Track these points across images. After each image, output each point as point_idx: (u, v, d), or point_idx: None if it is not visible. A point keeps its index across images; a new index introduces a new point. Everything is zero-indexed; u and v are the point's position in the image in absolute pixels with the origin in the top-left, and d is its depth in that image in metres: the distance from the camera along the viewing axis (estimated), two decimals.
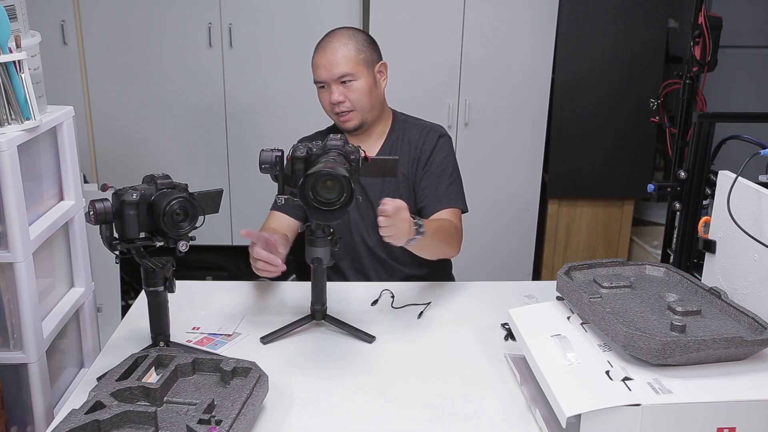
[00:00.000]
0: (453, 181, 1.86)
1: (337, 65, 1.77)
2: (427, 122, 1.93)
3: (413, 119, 1.94)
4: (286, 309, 1.63)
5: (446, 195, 1.83)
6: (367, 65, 1.81)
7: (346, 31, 1.83)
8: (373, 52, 1.84)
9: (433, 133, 1.89)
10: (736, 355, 1.14)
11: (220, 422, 1.08)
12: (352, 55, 1.78)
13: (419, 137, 1.87)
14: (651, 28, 3.07)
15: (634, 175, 3.23)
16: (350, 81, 1.78)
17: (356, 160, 1.42)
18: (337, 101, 1.78)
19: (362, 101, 1.80)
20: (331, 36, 1.82)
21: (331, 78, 1.78)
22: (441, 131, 1.90)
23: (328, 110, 1.84)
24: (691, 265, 2.02)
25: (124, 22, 3.13)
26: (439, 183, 1.83)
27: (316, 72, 1.81)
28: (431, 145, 1.86)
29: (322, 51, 1.80)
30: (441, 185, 1.83)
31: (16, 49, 1.40)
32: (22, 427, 1.53)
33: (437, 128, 1.91)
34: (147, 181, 1.35)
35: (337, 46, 1.78)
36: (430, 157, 1.85)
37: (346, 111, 1.80)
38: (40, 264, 1.54)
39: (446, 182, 1.84)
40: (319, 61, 1.80)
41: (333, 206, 1.28)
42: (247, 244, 1.58)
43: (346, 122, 1.82)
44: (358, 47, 1.80)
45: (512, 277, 3.29)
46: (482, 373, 1.38)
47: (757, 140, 1.71)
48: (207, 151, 3.30)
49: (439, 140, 1.87)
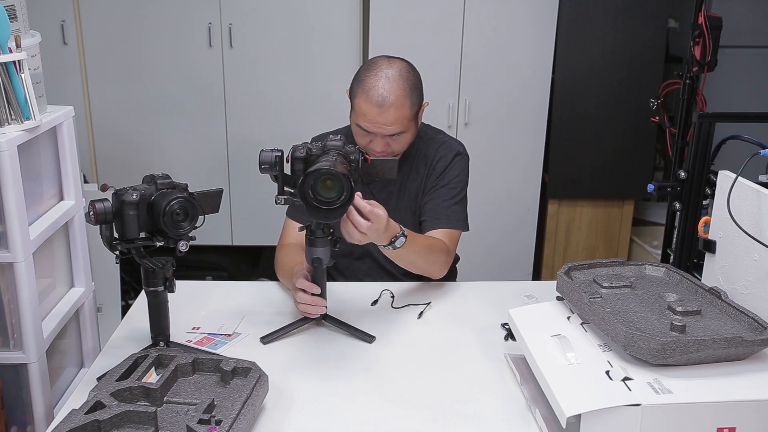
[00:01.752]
0: (458, 201, 1.79)
1: (393, 125, 1.64)
2: (447, 138, 1.86)
3: (433, 132, 1.86)
4: (286, 309, 1.63)
5: (446, 214, 1.77)
6: (416, 116, 1.72)
7: (401, 77, 1.65)
8: (421, 98, 1.72)
9: (450, 150, 1.82)
10: (736, 355, 1.14)
11: (220, 422, 1.08)
12: (407, 113, 1.65)
13: (435, 153, 1.81)
14: (651, 28, 3.07)
15: (634, 175, 3.23)
16: (398, 135, 1.68)
17: (356, 160, 1.42)
18: (381, 151, 1.68)
19: (403, 149, 1.74)
20: (386, 85, 1.63)
21: (381, 134, 1.65)
22: (459, 149, 1.83)
23: (362, 145, 1.69)
24: (691, 265, 2.03)
25: (124, 22, 3.13)
26: (443, 201, 1.78)
27: (363, 120, 1.65)
28: (446, 162, 1.80)
29: (377, 105, 1.62)
30: (444, 204, 1.78)
31: (16, 49, 1.40)
32: (22, 427, 1.53)
33: (455, 145, 1.84)
34: (147, 181, 1.35)
35: (395, 104, 1.62)
36: (442, 173, 1.79)
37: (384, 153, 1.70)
38: (40, 264, 1.54)
39: (450, 201, 1.78)
40: (372, 116, 1.63)
41: (333, 205, 1.28)
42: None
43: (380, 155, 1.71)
44: (413, 101, 1.67)
45: (512, 277, 3.29)
46: (482, 373, 1.38)
47: (757, 140, 1.71)
48: (207, 151, 3.30)
49: (455, 158, 1.81)
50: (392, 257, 1.58)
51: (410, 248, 1.54)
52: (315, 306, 1.49)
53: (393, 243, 1.49)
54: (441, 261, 1.70)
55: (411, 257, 1.61)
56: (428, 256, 1.66)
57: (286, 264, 1.72)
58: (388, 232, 1.47)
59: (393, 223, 1.48)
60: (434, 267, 1.71)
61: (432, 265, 1.70)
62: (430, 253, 1.66)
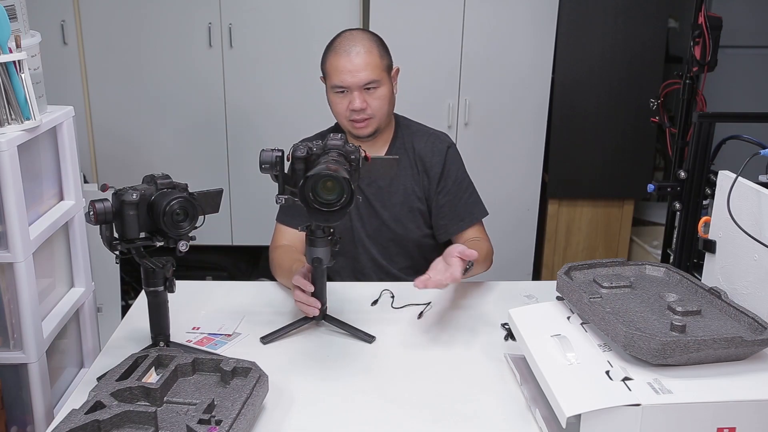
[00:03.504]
0: (471, 193, 1.86)
1: (364, 71, 1.70)
2: (430, 129, 1.90)
3: (416, 125, 1.91)
4: (286, 309, 1.63)
5: (468, 212, 1.84)
6: (388, 72, 1.78)
7: (366, 34, 1.77)
8: (390, 59, 1.80)
9: (440, 143, 1.85)
10: (736, 355, 1.14)
11: (220, 422, 1.08)
12: (377, 62, 1.73)
13: (425, 147, 1.84)
14: (651, 28, 3.07)
15: (634, 175, 3.23)
16: (374, 88, 1.73)
17: (356, 159, 1.42)
18: (360, 108, 1.72)
19: (383, 109, 1.76)
20: (351, 39, 1.74)
21: (356, 84, 1.71)
22: (448, 141, 1.87)
23: (342, 115, 1.77)
24: (691, 265, 2.02)
25: (124, 22, 3.13)
26: (458, 200, 1.83)
27: (336, 76, 1.72)
28: (441, 157, 1.83)
29: (346, 54, 1.71)
30: (460, 202, 1.83)
31: (16, 49, 1.40)
32: (22, 427, 1.53)
33: (443, 137, 1.88)
34: (147, 181, 1.35)
35: (362, 51, 1.71)
36: (443, 172, 1.82)
37: (365, 118, 1.75)
38: (40, 264, 1.54)
39: (465, 197, 1.84)
40: (343, 65, 1.71)
41: (333, 207, 1.28)
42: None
43: (363, 129, 1.77)
44: (381, 53, 1.75)
45: (512, 277, 3.28)
46: (482, 373, 1.38)
47: (757, 140, 1.71)
48: (207, 151, 3.30)
49: (449, 151, 1.84)
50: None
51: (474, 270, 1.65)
52: (308, 306, 1.50)
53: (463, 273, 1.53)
54: (490, 257, 1.83)
55: (474, 271, 1.68)
56: (484, 262, 1.77)
57: (284, 263, 1.72)
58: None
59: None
60: (487, 264, 1.82)
61: (487, 265, 1.82)
62: (484, 259, 1.77)
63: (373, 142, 1.83)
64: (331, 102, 1.78)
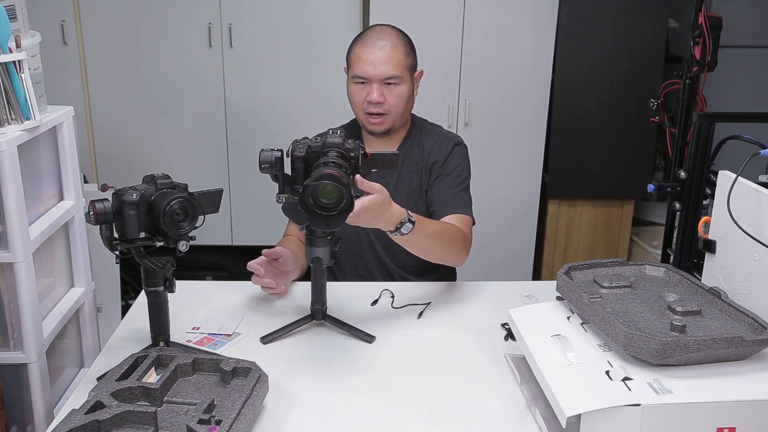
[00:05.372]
0: (464, 189, 1.82)
1: (387, 65, 1.72)
2: (444, 131, 1.90)
3: (431, 125, 1.91)
4: (286, 309, 1.63)
5: (454, 201, 1.78)
6: (411, 72, 1.79)
7: (395, 30, 1.79)
8: (415, 59, 1.81)
9: (448, 141, 1.85)
10: (736, 355, 1.14)
11: (220, 422, 1.08)
12: (401, 58, 1.75)
13: (434, 144, 1.84)
14: (651, 28, 3.07)
15: (634, 175, 3.23)
16: (395, 84, 1.74)
17: (356, 157, 1.42)
18: (377, 101, 1.73)
19: (399, 107, 1.76)
20: (380, 32, 1.76)
21: (376, 76, 1.72)
22: (457, 140, 1.87)
23: (359, 107, 1.77)
24: (691, 265, 2.02)
25: (124, 22, 3.13)
26: (449, 188, 1.80)
27: (358, 66, 1.74)
28: (446, 152, 1.83)
29: (371, 46, 1.73)
30: (450, 191, 1.80)
31: (16, 49, 1.40)
32: (22, 427, 1.53)
33: (453, 137, 1.88)
34: (147, 181, 1.35)
35: (388, 45, 1.73)
36: (443, 163, 1.82)
37: (380, 113, 1.75)
38: (40, 264, 1.54)
39: (457, 189, 1.80)
40: (367, 56, 1.73)
41: (332, 211, 1.27)
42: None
43: (377, 125, 1.77)
44: (407, 51, 1.77)
45: (512, 277, 3.29)
46: (482, 373, 1.38)
47: (757, 140, 1.71)
48: (207, 151, 3.30)
49: (455, 148, 1.84)
50: (403, 244, 1.54)
51: (420, 232, 1.49)
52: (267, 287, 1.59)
53: (399, 229, 1.45)
54: (457, 246, 1.66)
55: (423, 242, 1.56)
56: (442, 240, 1.61)
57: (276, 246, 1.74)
58: (393, 217, 1.43)
59: (398, 208, 1.45)
60: (451, 252, 1.66)
61: (448, 249, 1.64)
62: (444, 237, 1.61)
63: (387, 140, 1.83)
64: (350, 92, 1.79)
